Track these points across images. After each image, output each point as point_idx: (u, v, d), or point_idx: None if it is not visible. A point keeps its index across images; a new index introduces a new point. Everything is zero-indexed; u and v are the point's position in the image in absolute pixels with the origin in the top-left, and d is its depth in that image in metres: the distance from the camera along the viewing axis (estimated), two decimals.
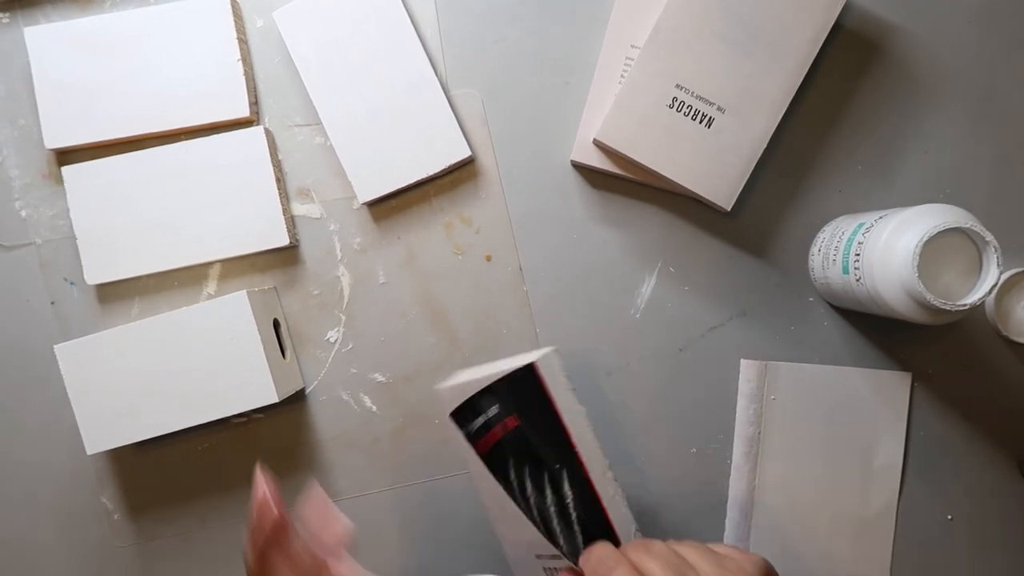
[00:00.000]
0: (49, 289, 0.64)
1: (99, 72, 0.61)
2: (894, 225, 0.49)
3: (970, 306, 0.47)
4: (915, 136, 0.62)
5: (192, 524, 0.64)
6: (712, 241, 0.62)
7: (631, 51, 0.60)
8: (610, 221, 0.63)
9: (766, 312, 0.62)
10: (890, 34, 0.62)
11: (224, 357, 0.58)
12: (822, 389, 0.60)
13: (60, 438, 0.63)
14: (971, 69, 0.61)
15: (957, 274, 0.48)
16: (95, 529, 0.64)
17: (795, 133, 0.62)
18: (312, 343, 0.63)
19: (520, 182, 0.63)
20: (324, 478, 0.63)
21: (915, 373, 0.61)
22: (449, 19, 0.63)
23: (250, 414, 0.63)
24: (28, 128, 0.63)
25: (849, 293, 0.54)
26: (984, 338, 0.61)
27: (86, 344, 0.58)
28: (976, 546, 0.62)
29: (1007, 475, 0.61)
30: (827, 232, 0.59)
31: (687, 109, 0.58)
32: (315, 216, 0.63)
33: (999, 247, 0.47)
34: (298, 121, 0.63)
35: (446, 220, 0.63)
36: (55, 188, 0.63)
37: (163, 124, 0.62)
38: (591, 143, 0.61)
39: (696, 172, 0.58)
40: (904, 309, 0.49)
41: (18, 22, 0.64)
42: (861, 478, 0.60)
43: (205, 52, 0.61)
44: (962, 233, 0.48)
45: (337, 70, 0.61)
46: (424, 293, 0.63)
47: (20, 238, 0.64)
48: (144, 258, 0.61)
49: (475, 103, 0.63)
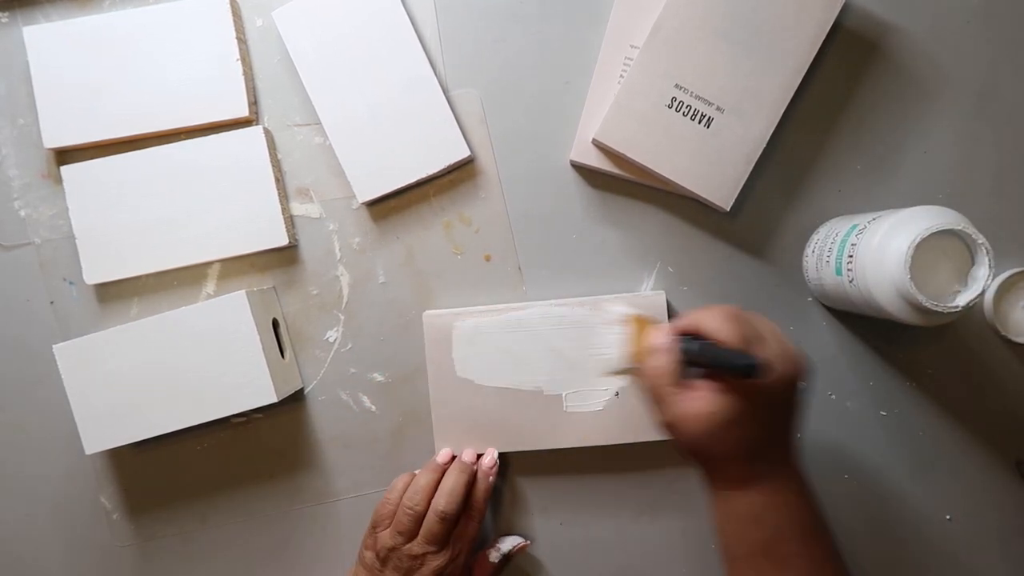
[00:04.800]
0: (48, 289, 0.64)
1: (98, 72, 0.61)
2: (887, 227, 0.49)
3: (962, 308, 0.47)
4: (914, 136, 0.62)
5: (192, 524, 0.64)
6: (711, 241, 0.62)
7: (630, 51, 0.60)
8: (609, 221, 0.63)
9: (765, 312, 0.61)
10: (889, 34, 0.62)
11: (223, 357, 0.58)
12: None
13: (59, 438, 0.63)
14: (970, 69, 0.61)
15: (950, 276, 0.48)
16: (94, 529, 0.64)
17: (794, 133, 0.62)
18: (311, 343, 0.64)
19: (519, 182, 0.63)
20: (323, 478, 0.63)
21: (914, 373, 0.61)
22: (448, 19, 0.63)
23: (249, 414, 0.63)
24: (27, 128, 0.63)
25: (842, 294, 0.54)
26: (983, 338, 0.61)
27: (85, 344, 0.58)
28: (975, 546, 0.62)
29: (1005, 475, 0.61)
30: (821, 233, 0.59)
31: (686, 109, 0.58)
32: (314, 216, 0.63)
33: (991, 249, 0.47)
34: (297, 121, 0.63)
35: (445, 220, 0.63)
36: (54, 188, 0.63)
37: (162, 124, 0.62)
38: (590, 143, 0.61)
39: (695, 172, 0.58)
40: (897, 311, 0.49)
41: (17, 21, 0.64)
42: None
43: (204, 52, 0.61)
44: (954, 235, 0.48)
45: (336, 70, 0.61)
46: (423, 293, 0.63)
47: (19, 238, 0.64)
48: (143, 258, 0.61)
49: (474, 103, 0.63)
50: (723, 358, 0.44)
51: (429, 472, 0.58)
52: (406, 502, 0.57)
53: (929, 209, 0.50)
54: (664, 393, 0.46)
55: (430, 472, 0.58)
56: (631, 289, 0.62)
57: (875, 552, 0.61)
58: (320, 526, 0.62)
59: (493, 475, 0.59)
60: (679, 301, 0.62)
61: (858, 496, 0.62)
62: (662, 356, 0.47)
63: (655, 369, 0.47)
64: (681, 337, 0.48)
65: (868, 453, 0.62)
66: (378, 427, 0.63)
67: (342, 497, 0.63)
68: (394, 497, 0.58)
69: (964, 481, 0.61)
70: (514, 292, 0.63)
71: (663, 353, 0.47)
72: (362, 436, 0.63)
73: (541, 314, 0.59)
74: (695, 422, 0.45)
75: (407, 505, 0.57)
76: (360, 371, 0.63)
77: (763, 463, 0.46)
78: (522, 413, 0.60)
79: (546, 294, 0.63)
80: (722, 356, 0.44)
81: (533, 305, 0.60)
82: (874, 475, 0.62)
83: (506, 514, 0.63)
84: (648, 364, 0.47)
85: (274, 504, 0.64)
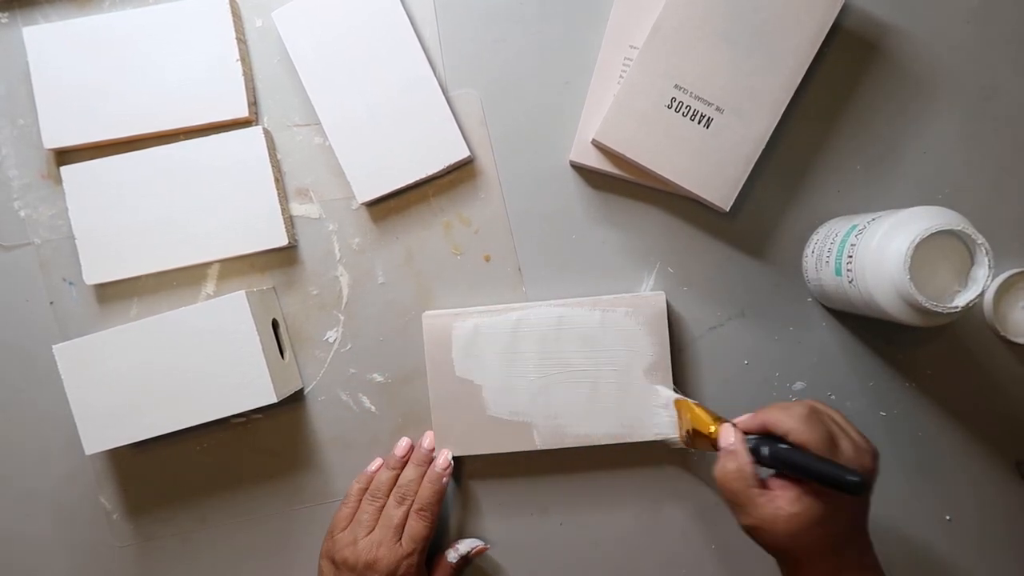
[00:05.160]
0: (48, 289, 0.64)
1: (98, 72, 0.61)
2: (886, 227, 0.49)
3: (962, 308, 0.47)
4: (914, 136, 0.62)
5: (191, 524, 0.64)
6: (711, 242, 0.62)
7: (630, 51, 0.60)
8: (609, 222, 0.63)
9: (764, 313, 0.62)
10: (889, 34, 0.62)
11: (223, 357, 0.58)
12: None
13: (59, 438, 0.63)
14: (970, 69, 0.61)
15: (949, 276, 0.48)
16: (94, 529, 0.64)
17: (794, 133, 0.61)
18: (311, 343, 0.63)
19: (519, 182, 0.63)
20: (323, 478, 0.63)
21: (914, 373, 0.61)
22: (448, 19, 0.63)
23: (249, 414, 0.63)
24: (27, 128, 0.63)
25: (842, 295, 0.54)
26: (982, 339, 0.61)
27: (85, 344, 0.58)
28: (975, 546, 0.61)
29: (1005, 475, 0.61)
30: (820, 234, 0.59)
31: (686, 109, 0.58)
32: (314, 216, 0.63)
33: (990, 249, 0.47)
34: (297, 121, 0.63)
35: (445, 220, 0.63)
36: (54, 188, 0.63)
37: (162, 124, 0.62)
38: (590, 143, 0.61)
39: (695, 172, 0.58)
40: (896, 311, 0.49)
41: (17, 22, 0.64)
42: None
43: (204, 52, 0.61)
44: (954, 235, 0.48)
45: (336, 70, 0.61)
46: (423, 293, 0.63)
47: (19, 238, 0.64)
48: (143, 258, 0.61)
49: (474, 103, 0.63)
50: (823, 472, 0.44)
51: (388, 470, 0.60)
52: (368, 498, 0.59)
53: (929, 209, 0.49)
54: (745, 497, 0.46)
55: (389, 470, 0.60)
56: (631, 289, 0.62)
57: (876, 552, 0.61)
58: (320, 526, 0.62)
59: (447, 476, 0.59)
60: (679, 301, 0.62)
61: None
62: (737, 458, 0.47)
63: (731, 473, 0.47)
64: (758, 438, 0.48)
65: None
66: (378, 427, 0.63)
67: (341, 498, 0.63)
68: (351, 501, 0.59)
69: (964, 481, 0.61)
70: (514, 292, 0.63)
71: (737, 455, 0.47)
72: (362, 436, 0.63)
73: (540, 314, 0.59)
74: (783, 524, 0.45)
75: (368, 499, 0.58)
76: (360, 371, 0.63)
77: (852, 551, 0.47)
78: (522, 413, 0.60)
79: (546, 294, 0.63)
80: (822, 470, 0.44)
81: (532, 305, 0.60)
82: None
83: (507, 514, 0.63)
84: (723, 467, 0.48)
85: (274, 504, 0.64)
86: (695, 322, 0.62)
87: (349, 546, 0.56)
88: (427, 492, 0.58)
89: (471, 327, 0.60)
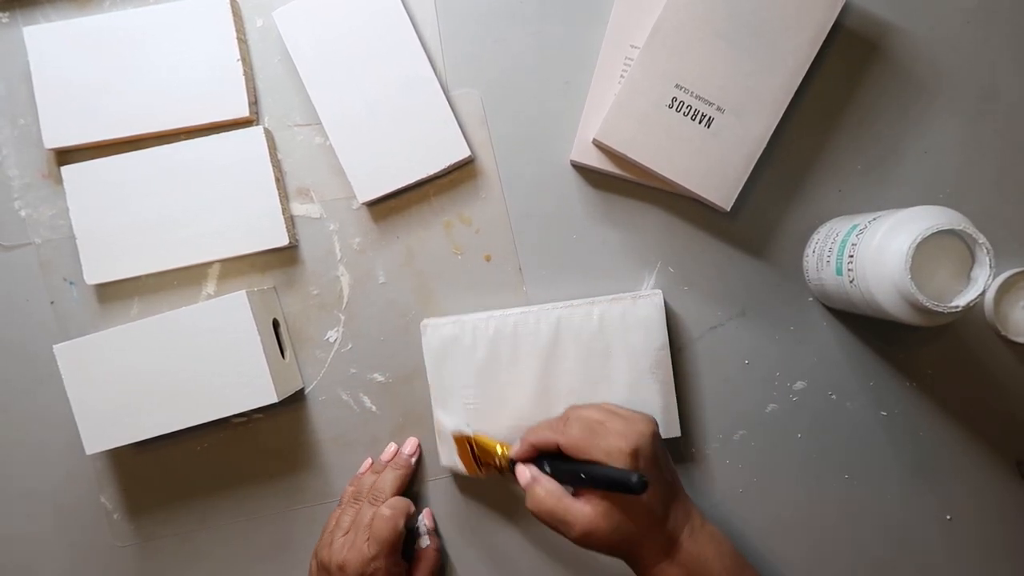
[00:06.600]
0: (48, 289, 0.63)
1: (98, 72, 0.61)
2: (887, 227, 0.49)
3: (963, 308, 0.47)
4: (914, 136, 0.62)
5: (192, 524, 0.64)
6: (711, 241, 0.62)
7: (631, 51, 0.60)
8: (609, 221, 0.63)
9: (765, 312, 0.62)
10: (890, 34, 0.62)
11: (223, 357, 0.58)
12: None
13: (59, 438, 0.63)
14: (970, 69, 0.61)
15: (950, 276, 0.48)
16: (94, 529, 0.64)
17: (794, 133, 0.62)
18: (311, 343, 0.63)
19: (520, 182, 0.63)
20: (323, 478, 0.63)
21: (914, 373, 0.62)
22: (449, 19, 0.63)
23: (249, 414, 0.63)
24: (27, 128, 0.63)
25: (843, 294, 0.54)
26: (983, 338, 0.61)
27: (85, 344, 0.58)
28: (975, 546, 0.62)
29: (1006, 475, 0.61)
30: (821, 233, 0.59)
31: (686, 109, 0.58)
32: (315, 216, 0.63)
33: (991, 249, 0.47)
34: (298, 121, 0.63)
35: (445, 220, 0.63)
36: (54, 188, 0.63)
37: (162, 124, 0.62)
38: (591, 143, 0.61)
39: (695, 172, 0.58)
40: (897, 311, 0.49)
41: (17, 22, 0.64)
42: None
43: (205, 52, 0.61)
44: (955, 235, 0.48)
45: (337, 70, 0.61)
46: (424, 293, 0.63)
47: (19, 238, 0.64)
48: (143, 258, 0.61)
49: (475, 103, 0.63)
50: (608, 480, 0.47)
51: (372, 473, 0.61)
52: (350, 500, 0.60)
53: (929, 209, 0.50)
54: (563, 510, 0.49)
55: (373, 473, 0.61)
56: (631, 288, 0.62)
57: (876, 552, 0.62)
58: (320, 526, 0.62)
59: (411, 463, 0.61)
60: (679, 301, 0.62)
61: (858, 496, 0.62)
62: (540, 483, 0.50)
63: (541, 496, 0.50)
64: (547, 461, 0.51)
65: (868, 453, 0.62)
66: (378, 427, 0.63)
67: None
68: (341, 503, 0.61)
69: (964, 481, 0.61)
70: (514, 292, 0.63)
71: (538, 480, 0.50)
72: (362, 436, 0.63)
73: (540, 316, 0.59)
74: (605, 519, 0.48)
75: (350, 501, 0.59)
76: (360, 371, 0.63)
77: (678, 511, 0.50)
78: (522, 414, 0.60)
79: (546, 294, 0.63)
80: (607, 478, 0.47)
81: (531, 309, 0.60)
82: (874, 475, 0.62)
83: (506, 513, 0.63)
84: (532, 496, 0.50)
85: (274, 504, 0.64)
86: (695, 322, 0.62)
87: (326, 547, 0.57)
88: (388, 478, 0.59)
89: (469, 332, 0.60)
